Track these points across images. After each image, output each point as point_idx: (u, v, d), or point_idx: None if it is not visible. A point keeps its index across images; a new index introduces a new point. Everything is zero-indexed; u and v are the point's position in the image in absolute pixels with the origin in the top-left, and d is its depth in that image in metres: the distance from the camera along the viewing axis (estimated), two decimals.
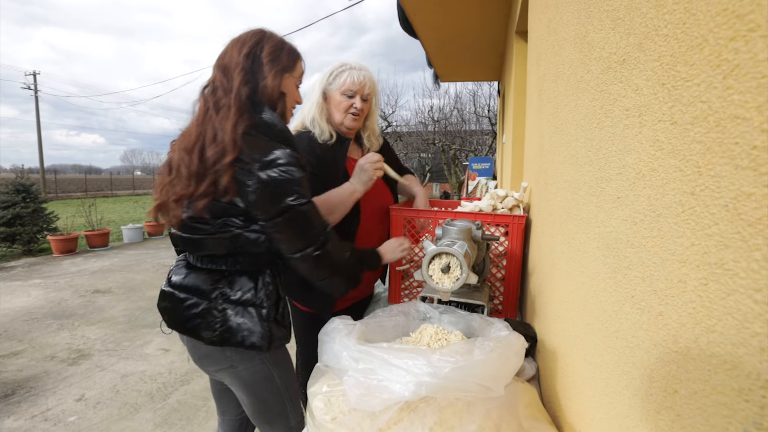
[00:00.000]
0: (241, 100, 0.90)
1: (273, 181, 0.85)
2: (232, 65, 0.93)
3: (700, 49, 0.28)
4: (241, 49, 0.94)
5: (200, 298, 0.93)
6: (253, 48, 0.95)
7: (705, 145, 0.27)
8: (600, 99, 0.53)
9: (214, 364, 0.99)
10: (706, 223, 0.27)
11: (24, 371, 2.59)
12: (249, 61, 0.93)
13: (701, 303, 0.27)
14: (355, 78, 1.26)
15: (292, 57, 1.01)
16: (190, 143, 0.90)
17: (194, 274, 0.96)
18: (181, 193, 0.89)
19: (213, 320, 0.92)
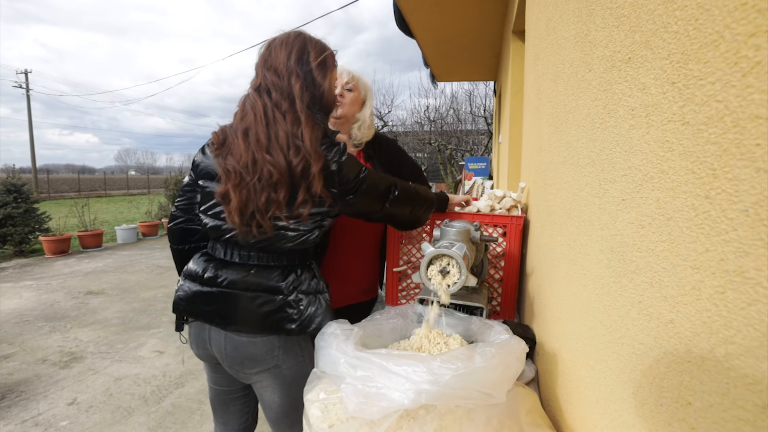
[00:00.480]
0: (306, 109, 0.94)
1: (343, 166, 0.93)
2: (282, 70, 0.95)
3: (715, 46, 0.27)
4: (289, 54, 0.96)
5: (273, 294, 0.93)
6: (301, 53, 0.97)
7: (721, 146, 0.26)
8: (603, 98, 0.52)
9: (257, 365, 0.96)
10: (722, 228, 0.25)
11: (14, 375, 2.55)
12: (302, 68, 0.96)
13: (717, 312, 0.26)
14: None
15: (333, 58, 1.05)
16: (264, 143, 0.90)
17: (257, 270, 0.95)
18: (272, 198, 0.89)
19: (293, 312, 0.93)
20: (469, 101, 11.59)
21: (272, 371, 0.97)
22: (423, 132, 12.47)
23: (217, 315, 0.94)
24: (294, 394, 1.00)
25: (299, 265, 0.99)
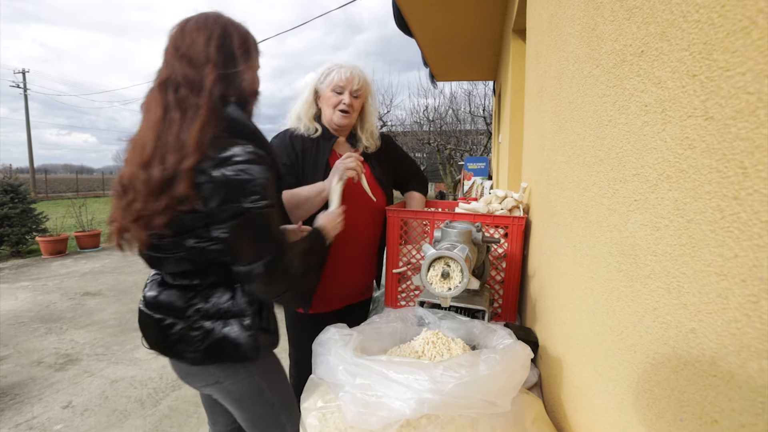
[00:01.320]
0: (214, 100, 0.81)
1: (227, 181, 0.76)
2: (200, 59, 0.82)
3: (746, 33, 0.24)
4: (208, 40, 0.82)
5: (176, 318, 0.87)
6: (223, 38, 0.84)
7: (753, 142, 0.24)
8: (612, 95, 0.50)
9: (199, 380, 0.94)
10: (755, 232, 0.23)
11: (9, 377, 2.52)
12: (222, 56, 0.83)
13: (750, 323, 0.23)
14: (343, 75, 1.27)
15: (256, 44, 0.93)
16: (147, 156, 0.79)
17: (168, 290, 0.89)
18: (140, 213, 0.80)
19: (193, 339, 0.86)
20: (468, 101, 11.59)
21: (216, 387, 0.94)
22: (422, 132, 12.46)
23: (143, 331, 0.93)
24: (250, 407, 0.97)
25: (216, 284, 0.88)
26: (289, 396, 1.06)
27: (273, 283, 0.82)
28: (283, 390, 1.03)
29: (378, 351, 0.82)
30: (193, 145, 0.76)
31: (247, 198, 0.76)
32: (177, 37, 0.84)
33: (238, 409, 0.97)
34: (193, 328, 0.86)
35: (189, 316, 0.86)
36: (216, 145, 0.78)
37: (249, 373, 0.94)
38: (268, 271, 0.80)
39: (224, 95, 0.84)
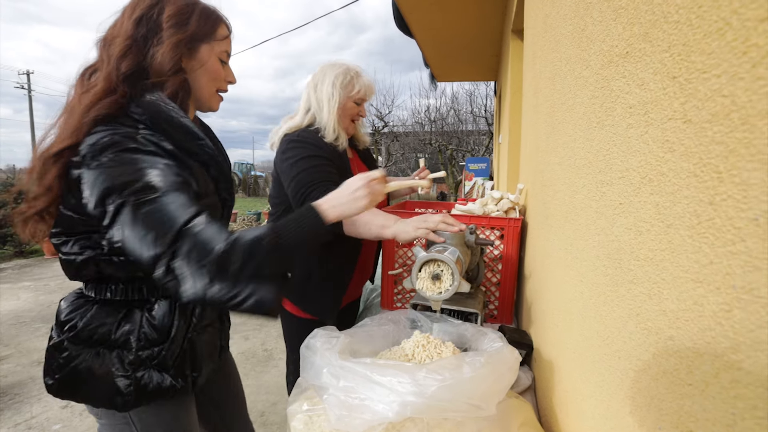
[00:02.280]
0: (112, 76, 0.68)
1: (101, 172, 0.62)
2: (117, 35, 0.72)
3: (721, 34, 0.24)
4: (132, 14, 0.72)
5: (55, 330, 0.75)
6: (149, 10, 0.73)
7: (727, 146, 0.23)
8: (600, 96, 0.49)
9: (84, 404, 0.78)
10: (728, 238, 0.23)
11: (9, 377, 2.52)
12: (141, 28, 0.72)
13: (722, 332, 0.23)
14: (368, 88, 1.26)
15: (209, 21, 0.77)
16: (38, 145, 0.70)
17: (71, 296, 0.78)
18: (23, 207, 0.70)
19: (54, 362, 0.72)
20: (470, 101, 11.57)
21: (96, 420, 0.79)
22: (424, 132, 12.45)
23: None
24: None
25: (109, 302, 0.74)
26: None
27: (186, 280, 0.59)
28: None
29: (369, 353, 0.82)
30: (71, 126, 0.65)
31: (126, 190, 0.61)
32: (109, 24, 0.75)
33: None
34: (61, 348, 0.72)
35: (63, 332, 0.73)
36: (103, 132, 0.65)
37: (127, 421, 0.76)
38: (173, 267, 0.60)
39: (134, 73, 0.71)
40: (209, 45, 0.78)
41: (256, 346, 2.96)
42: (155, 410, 0.77)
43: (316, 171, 1.11)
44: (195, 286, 0.59)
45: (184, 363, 0.78)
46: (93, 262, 0.71)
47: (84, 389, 0.72)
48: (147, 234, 0.60)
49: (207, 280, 0.59)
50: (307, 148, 1.16)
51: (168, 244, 0.60)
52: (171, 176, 0.65)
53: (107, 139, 0.64)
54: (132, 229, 0.61)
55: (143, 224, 0.61)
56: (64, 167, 0.66)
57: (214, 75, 0.80)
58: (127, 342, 0.72)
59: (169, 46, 0.71)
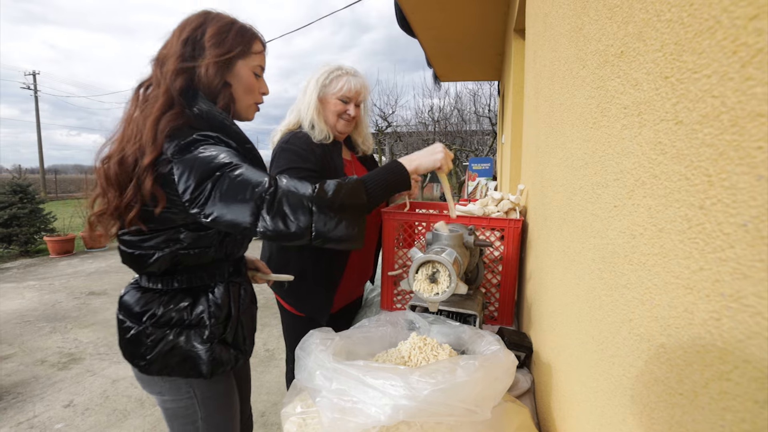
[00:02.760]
0: (171, 92, 0.79)
1: (194, 159, 0.73)
2: (169, 55, 0.81)
3: (712, 33, 0.23)
4: (180, 35, 0.82)
5: (132, 321, 0.84)
6: (194, 32, 0.82)
7: (717, 149, 0.22)
8: (596, 96, 0.48)
9: (147, 386, 0.89)
10: (718, 244, 0.22)
11: (12, 376, 2.55)
12: (188, 48, 0.81)
13: (712, 341, 0.22)
14: (353, 85, 1.25)
15: (244, 38, 0.86)
16: (109, 151, 0.80)
17: (133, 292, 0.87)
18: (104, 207, 0.80)
19: (143, 347, 0.82)
20: (474, 101, 11.53)
21: (158, 398, 0.90)
22: (427, 132, 12.43)
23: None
24: (177, 430, 0.91)
25: (178, 291, 0.84)
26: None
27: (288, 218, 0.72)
28: (220, 427, 0.94)
29: (366, 355, 0.81)
30: (149, 137, 0.75)
31: (220, 168, 0.73)
32: (163, 44, 0.84)
33: (168, 426, 0.92)
34: (144, 335, 0.82)
35: (144, 321, 0.83)
36: (177, 135, 0.76)
37: (190, 395, 0.88)
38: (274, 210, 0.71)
39: (187, 88, 0.81)
40: (244, 60, 0.87)
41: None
42: (212, 384, 0.89)
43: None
44: (299, 220, 0.71)
45: (240, 338, 0.92)
46: (170, 256, 0.81)
47: (173, 362, 0.83)
48: (244, 191, 0.71)
49: (308, 214, 0.72)
50: (291, 158, 1.19)
51: (265, 189, 0.71)
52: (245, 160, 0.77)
53: (190, 138, 0.75)
54: (227, 196, 0.71)
55: (238, 187, 0.71)
56: (155, 172, 0.75)
57: (249, 88, 0.90)
58: (201, 321, 0.84)
59: (213, 64, 0.81)
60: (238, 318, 0.91)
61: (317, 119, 1.25)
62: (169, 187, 0.75)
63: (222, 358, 0.87)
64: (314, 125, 1.25)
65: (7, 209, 5.99)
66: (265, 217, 0.72)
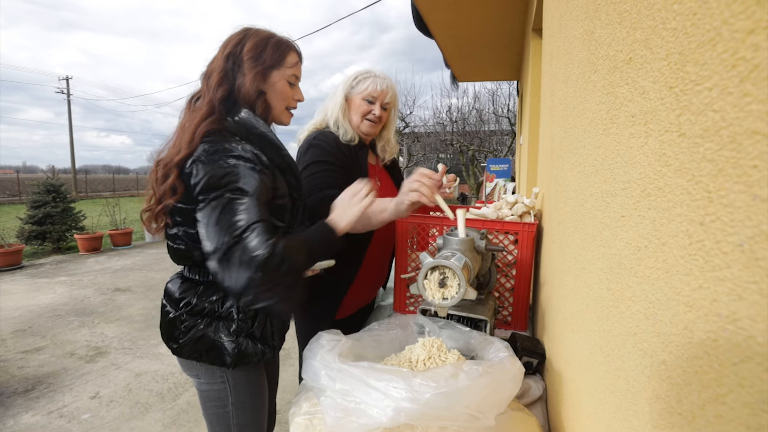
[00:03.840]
0: (214, 101, 0.87)
1: (213, 168, 0.79)
2: (214, 69, 0.90)
3: (713, 45, 0.23)
4: (223, 51, 0.91)
5: (171, 306, 0.92)
6: (235, 47, 0.90)
7: (717, 165, 0.22)
8: (607, 102, 0.47)
9: (186, 369, 0.97)
10: (716, 263, 0.21)
11: (44, 367, 2.67)
12: (229, 62, 0.90)
13: (709, 363, 0.22)
14: (378, 85, 1.26)
15: (279, 51, 0.94)
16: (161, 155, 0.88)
17: (176, 280, 0.95)
18: (150, 204, 0.88)
19: (176, 331, 0.90)
20: (492, 101, 11.38)
21: (195, 380, 0.97)
22: (445, 133, 12.34)
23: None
24: (209, 413, 0.97)
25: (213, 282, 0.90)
26: (254, 422, 1.01)
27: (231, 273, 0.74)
28: (249, 413, 0.99)
29: (376, 358, 0.82)
30: (188, 138, 0.82)
31: (225, 187, 0.78)
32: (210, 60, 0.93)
33: (202, 408, 0.99)
34: (179, 320, 0.90)
35: (180, 308, 0.90)
36: (213, 141, 0.82)
37: (223, 380, 0.94)
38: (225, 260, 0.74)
39: (228, 98, 0.89)
40: (279, 71, 0.94)
41: None
42: (243, 371, 0.95)
43: (317, 177, 1.18)
44: (238, 282, 0.74)
45: (269, 333, 0.97)
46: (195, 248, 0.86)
47: (201, 349, 0.89)
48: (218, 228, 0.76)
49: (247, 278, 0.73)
50: (317, 153, 1.21)
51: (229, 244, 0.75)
52: (255, 183, 0.80)
53: (219, 146, 0.81)
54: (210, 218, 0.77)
55: (219, 219, 0.76)
56: (181, 169, 0.83)
57: (283, 95, 0.97)
58: (230, 314, 0.89)
59: (251, 76, 0.89)
60: (267, 314, 0.96)
61: (342, 119, 1.27)
62: (189, 183, 0.82)
63: (248, 351, 0.91)
64: (339, 125, 1.27)
65: (42, 208, 6.29)
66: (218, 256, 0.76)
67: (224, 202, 0.77)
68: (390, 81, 1.30)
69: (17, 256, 5.40)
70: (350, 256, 1.28)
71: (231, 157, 0.81)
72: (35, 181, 6.80)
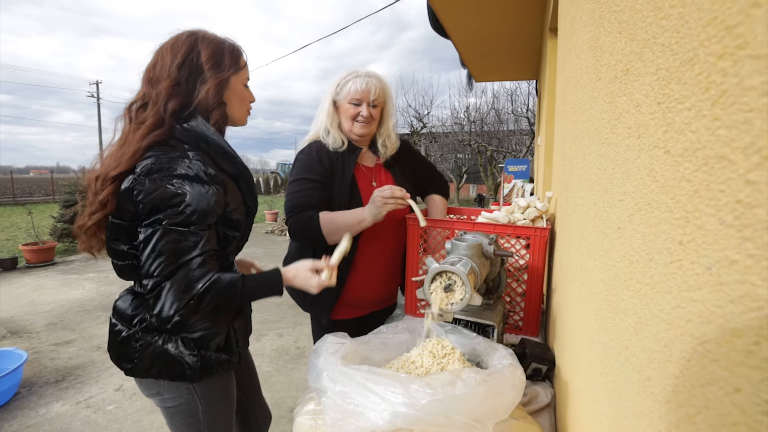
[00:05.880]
0: (163, 114, 0.83)
1: (157, 193, 0.76)
2: (162, 77, 0.84)
3: (692, 65, 0.23)
4: (173, 59, 0.84)
5: (123, 324, 0.87)
6: (188, 55, 0.85)
7: (693, 185, 0.22)
8: (608, 111, 0.47)
9: (145, 390, 0.92)
10: (690, 284, 0.21)
11: (74, 359, 2.80)
12: (184, 71, 0.84)
13: (683, 382, 0.22)
14: (359, 86, 1.24)
15: (234, 56, 0.91)
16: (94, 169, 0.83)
17: (127, 296, 0.91)
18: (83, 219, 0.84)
19: (131, 350, 0.85)
20: (511, 100, 11.20)
21: (156, 398, 0.92)
22: (463, 133, 12.24)
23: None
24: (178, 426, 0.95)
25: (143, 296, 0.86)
26: (224, 420, 1.00)
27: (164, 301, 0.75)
28: (219, 414, 0.98)
29: (382, 361, 0.83)
30: (129, 153, 0.79)
31: (167, 210, 0.76)
32: (150, 64, 0.87)
33: (169, 423, 0.96)
34: (134, 339, 0.86)
35: (134, 325, 0.86)
36: (157, 156, 0.79)
37: (190, 391, 0.91)
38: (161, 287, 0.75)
39: (181, 109, 0.85)
40: (237, 75, 0.92)
41: (289, 343, 3.06)
42: (214, 380, 0.94)
43: (297, 196, 1.24)
44: (167, 310, 0.75)
45: (233, 341, 0.96)
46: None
47: (161, 366, 0.86)
48: (160, 255, 0.75)
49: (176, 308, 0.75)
50: (298, 169, 1.28)
51: (168, 272, 0.75)
52: (203, 205, 0.79)
53: (163, 164, 0.78)
54: (153, 244, 0.76)
55: (162, 246, 0.75)
56: (119, 185, 0.80)
57: (243, 98, 0.96)
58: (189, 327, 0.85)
59: (213, 85, 0.86)
60: (230, 324, 0.94)
61: (330, 126, 1.28)
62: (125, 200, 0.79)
63: (211, 362, 0.90)
64: (329, 132, 1.29)
65: (73, 207, 6.57)
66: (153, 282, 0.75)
67: (167, 228, 0.75)
68: (374, 78, 1.27)
69: (50, 252, 5.66)
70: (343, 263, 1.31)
71: (176, 177, 0.77)
72: (67, 181, 7.10)
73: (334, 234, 1.19)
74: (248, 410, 1.20)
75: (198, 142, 0.85)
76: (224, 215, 0.87)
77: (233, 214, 0.89)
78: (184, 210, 0.76)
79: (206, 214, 0.79)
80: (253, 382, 1.23)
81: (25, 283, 4.63)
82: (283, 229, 8.73)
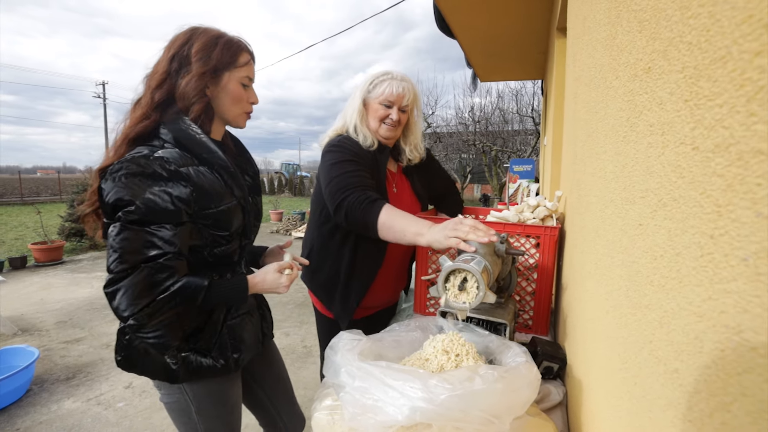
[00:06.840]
0: (149, 105, 0.82)
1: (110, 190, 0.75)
2: (157, 70, 0.85)
3: (724, 63, 0.23)
4: (168, 51, 0.85)
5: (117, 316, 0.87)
6: (181, 48, 0.84)
7: (726, 180, 0.22)
8: (627, 110, 0.48)
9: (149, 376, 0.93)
10: (724, 275, 0.22)
11: (83, 357, 2.84)
12: (174, 63, 0.84)
13: (716, 372, 0.22)
14: (394, 89, 1.23)
15: (230, 51, 0.88)
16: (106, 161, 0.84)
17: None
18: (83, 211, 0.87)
19: (120, 343, 0.88)
20: (516, 100, 11.17)
21: (158, 392, 0.95)
22: (467, 133, 12.21)
23: None
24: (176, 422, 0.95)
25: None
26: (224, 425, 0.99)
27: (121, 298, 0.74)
28: (215, 419, 0.96)
29: (396, 358, 0.84)
30: (117, 145, 0.80)
31: (123, 209, 0.75)
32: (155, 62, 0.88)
33: (171, 418, 0.97)
34: (123, 333, 0.87)
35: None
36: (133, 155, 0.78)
37: (181, 390, 0.92)
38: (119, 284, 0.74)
39: (166, 101, 0.84)
40: (230, 72, 0.89)
41: (296, 342, 3.08)
42: (205, 383, 0.92)
43: (350, 176, 1.14)
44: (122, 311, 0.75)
45: (225, 346, 0.93)
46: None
47: (142, 364, 0.87)
48: (116, 251, 0.75)
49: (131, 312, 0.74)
50: (344, 153, 1.19)
51: (122, 269, 0.74)
52: (158, 203, 0.77)
53: (118, 164, 0.77)
54: (111, 239, 0.76)
55: (118, 243, 0.75)
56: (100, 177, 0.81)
57: (236, 98, 0.91)
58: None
59: (195, 76, 0.83)
60: (222, 326, 0.93)
61: (360, 124, 1.25)
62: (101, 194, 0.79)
63: (194, 366, 0.88)
64: (358, 130, 1.26)
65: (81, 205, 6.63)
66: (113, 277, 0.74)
67: (124, 225, 0.75)
68: (408, 83, 1.27)
69: (59, 251, 5.72)
70: (373, 256, 1.29)
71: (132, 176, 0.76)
72: (74, 180, 7.17)
73: (388, 229, 1.06)
74: (274, 414, 1.18)
75: (179, 139, 0.83)
76: (202, 213, 0.84)
77: (215, 213, 0.86)
78: (137, 208, 0.75)
79: (164, 213, 0.77)
80: (279, 385, 1.21)
81: (34, 282, 4.68)
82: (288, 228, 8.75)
